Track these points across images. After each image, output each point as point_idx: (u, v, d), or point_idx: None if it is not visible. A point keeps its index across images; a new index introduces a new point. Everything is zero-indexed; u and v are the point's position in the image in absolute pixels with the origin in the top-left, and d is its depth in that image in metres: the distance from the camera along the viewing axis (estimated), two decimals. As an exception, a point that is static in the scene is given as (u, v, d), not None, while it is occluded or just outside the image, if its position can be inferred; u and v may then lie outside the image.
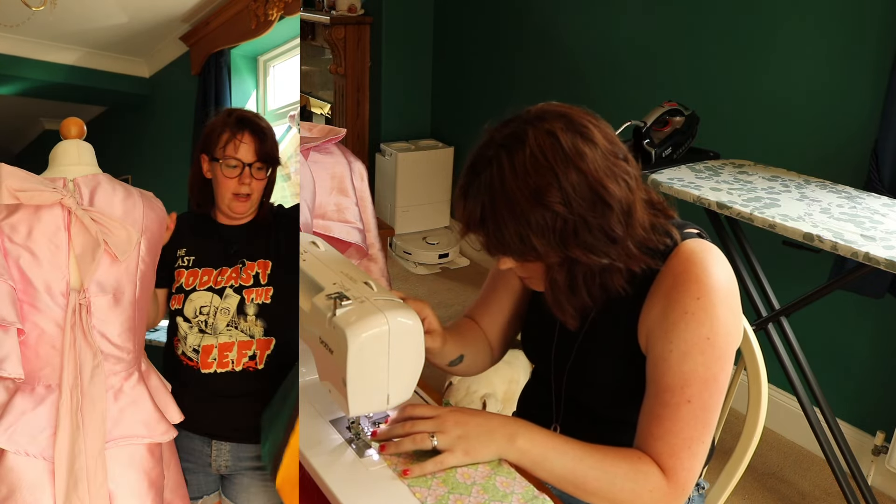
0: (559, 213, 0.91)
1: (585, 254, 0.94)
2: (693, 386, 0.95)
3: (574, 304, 1.02)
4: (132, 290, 1.12)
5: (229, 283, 1.25)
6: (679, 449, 0.95)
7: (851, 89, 2.10)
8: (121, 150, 3.21)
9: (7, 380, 1.05)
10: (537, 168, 0.90)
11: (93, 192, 1.12)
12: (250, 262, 1.25)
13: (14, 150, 3.55)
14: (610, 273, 0.99)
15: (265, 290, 1.23)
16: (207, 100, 2.48)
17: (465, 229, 0.98)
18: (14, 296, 1.04)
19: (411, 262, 3.66)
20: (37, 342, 1.06)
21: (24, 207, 1.07)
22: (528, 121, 0.94)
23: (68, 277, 1.07)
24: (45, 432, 1.05)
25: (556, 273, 0.99)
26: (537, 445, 0.97)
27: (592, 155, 0.92)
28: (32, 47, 2.54)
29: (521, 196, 0.91)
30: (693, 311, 0.95)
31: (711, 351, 0.95)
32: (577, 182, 0.91)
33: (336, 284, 0.99)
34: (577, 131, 0.93)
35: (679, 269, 0.98)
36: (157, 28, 2.55)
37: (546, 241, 0.92)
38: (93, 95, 2.99)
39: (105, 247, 1.08)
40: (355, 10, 3.70)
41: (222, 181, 1.26)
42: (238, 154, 1.25)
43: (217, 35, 2.49)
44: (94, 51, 2.67)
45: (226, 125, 1.27)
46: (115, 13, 2.38)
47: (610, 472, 0.95)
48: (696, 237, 1.02)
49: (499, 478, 0.96)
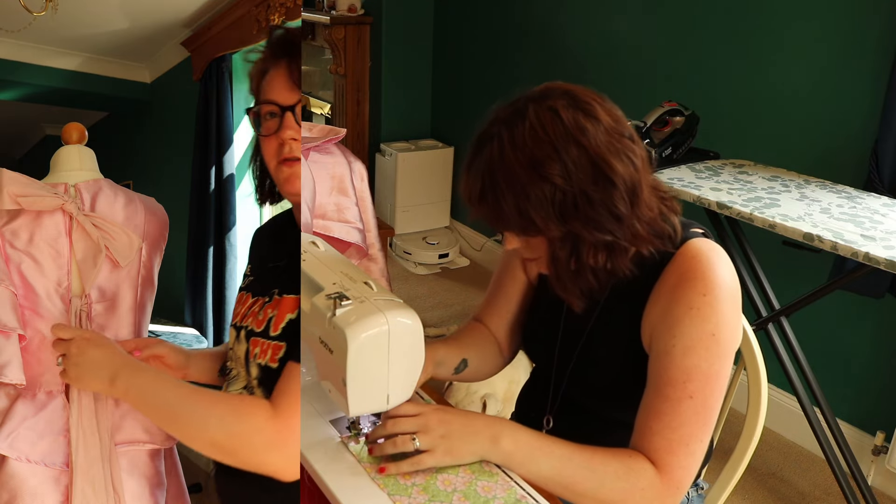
0: (558, 185, 0.90)
1: (587, 229, 0.93)
2: (695, 381, 0.94)
3: (578, 283, 1.00)
4: (133, 295, 1.12)
5: (247, 321, 0.98)
6: (677, 445, 0.93)
7: (851, 89, 2.10)
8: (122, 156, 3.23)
9: (8, 386, 1.06)
10: (536, 141, 0.90)
11: (94, 198, 1.12)
12: (283, 296, 0.95)
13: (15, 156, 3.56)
14: (616, 253, 0.97)
15: (272, 347, 0.93)
16: (209, 105, 2.48)
17: (468, 205, 0.98)
18: (15, 301, 1.05)
19: (411, 262, 3.66)
20: (38, 348, 1.06)
21: (26, 213, 1.07)
22: (532, 98, 0.94)
23: (70, 283, 1.07)
24: (47, 439, 1.05)
25: (559, 249, 0.97)
26: (522, 446, 0.94)
27: (594, 131, 0.92)
28: (34, 52, 2.55)
29: (519, 168, 0.91)
30: (699, 306, 0.94)
31: (716, 347, 0.94)
32: (578, 156, 0.90)
33: (336, 284, 0.99)
34: (579, 108, 0.93)
35: (685, 266, 0.97)
36: (158, 33, 2.56)
37: (545, 213, 0.92)
38: (94, 101, 3.00)
39: (106, 252, 1.08)
40: (355, 10, 3.70)
41: (261, 143, 0.98)
42: (273, 94, 0.94)
43: (218, 40, 2.49)
44: (95, 56, 2.67)
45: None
46: (116, 18, 2.39)
47: (599, 471, 0.93)
48: (701, 237, 1.02)
49: (480, 482, 0.93)
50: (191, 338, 2.55)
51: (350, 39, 3.72)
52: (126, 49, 2.64)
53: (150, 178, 3.17)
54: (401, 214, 3.78)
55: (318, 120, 4.29)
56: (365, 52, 3.78)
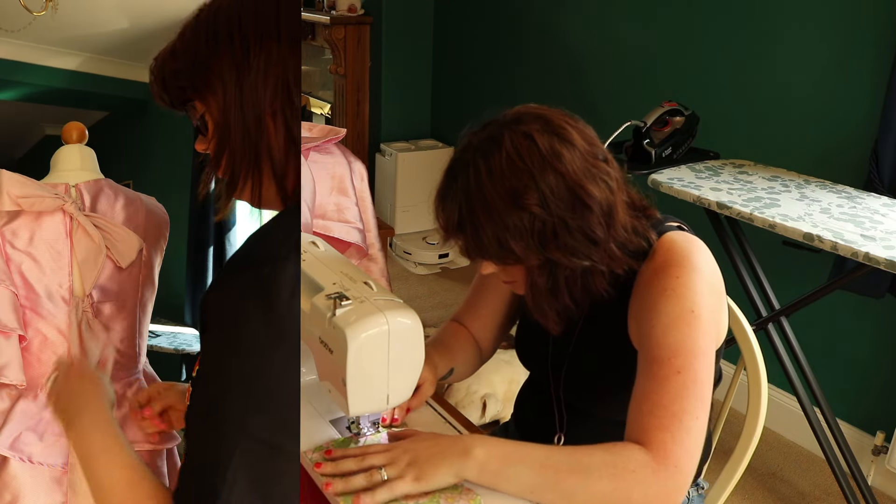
0: (537, 215, 0.90)
1: (566, 256, 0.93)
2: (681, 356, 0.90)
3: (555, 307, 1.00)
4: (135, 296, 1.12)
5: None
6: (669, 421, 0.87)
7: (851, 89, 2.10)
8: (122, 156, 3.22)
9: (9, 386, 1.06)
10: (514, 170, 0.90)
11: (95, 198, 1.12)
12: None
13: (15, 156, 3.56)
14: (592, 275, 0.97)
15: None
16: (208, 103, 2.48)
17: (444, 234, 0.97)
18: (16, 302, 1.05)
19: (411, 262, 3.66)
20: (39, 348, 1.06)
21: (26, 213, 1.07)
22: (505, 124, 0.94)
23: (70, 283, 1.07)
24: (48, 439, 1.05)
25: (537, 276, 0.97)
26: (495, 456, 0.88)
27: (570, 156, 0.91)
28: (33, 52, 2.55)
29: (497, 199, 0.90)
30: (673, 287, 0.94)
31: (697, 324, 0.92)
32: (555, 184, 0.90)
33: (336, 284, 0.99)
34: (554, 132, 0.92)
35: (660, 259, 0.97)
36: (158, 33, 2.56)
37: (525, 243, 0.92)
38: (94, 100, 3.00)
39: (107, 252, 1.08)
40: (355, 10, 3.70)
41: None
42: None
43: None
44: (95, 55, 2.67)
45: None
46: (116, 18, 2.39)
47: (584, 463, 0.86)
48: (676, 230, 1.02)
49: (443, 495, 0.89)
50: (191, 338, 2.55)
51: (350, 39, 3.72)
52: (126, 49, 2.64)
53: (150, 178, 3.17)
54: (401, 214, 3.79)
55: (318, 120, 4.29)
56: (365, 52, 3.78)
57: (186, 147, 2.69)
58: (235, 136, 0.72)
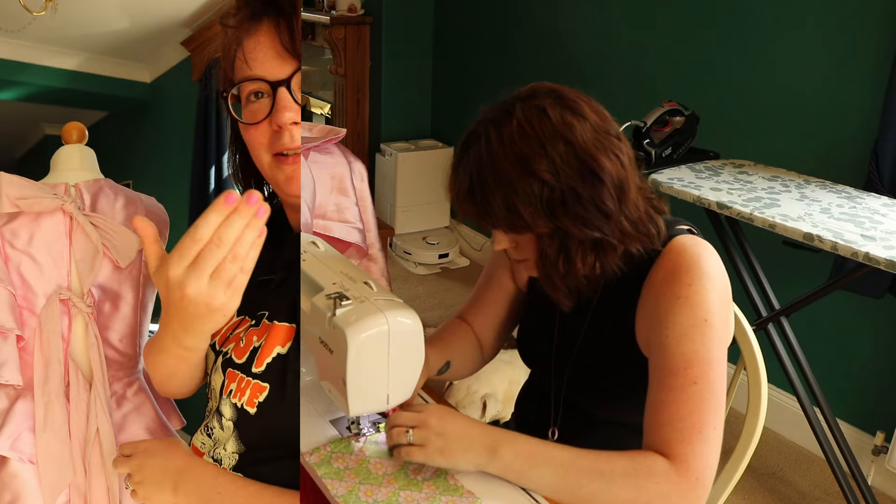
0: (546, 181, 0.90)
1: (576, 225, 0.93)
2: (696, 366, 0.91)
3: (567, 281, 0.99)
4: (134, 296, 1.12)
5: (227, 346, 0.83)
6: (689, 433, 0.88)
7: (851, 89, 2.10)
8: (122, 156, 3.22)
9: (8, 387, 1.06)
10: (524, 138, 0.91)
11: (94, 198, 1.12)
12: (273, 321, 0.80)
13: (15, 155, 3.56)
14: (604, 251, 0.97)
15: (251, 387, 0.76)
16: (208, 105, 2.49)
17: (457, 203, 0.98)
18: (13, 302, 1.05)
19: (411, 262, 3.66)
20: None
21: (25, 213, 1.07)
22: (519, 98, 0.95)
23: (69, 283, 1.07)
24: None
25: (548, 246, 0.97)
26: (521, 455, 0.89)
27: (581, 128, 0.92)
28: (33, 52, 2.55)
29: (507, 165, 0.91)
30: (686, 295, 0.94)
31: (710, 332, 0.93)
32: (565, 152, 0.91)
33: (336, 284, 0.99)
34: (566, 106, 0.93)
35: (671, 263, 0.97)
36: (158, 33, 2.56)
37: (534, 209, 0.92)
38: (94, 100, 3.00)
39: (106, 252, 1.08)
40: (355, 10, 3.70)
41: (246, 132, 0.75)
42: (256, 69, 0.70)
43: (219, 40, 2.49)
44: (95, 56, 2.67)
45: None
46: (116, 18, 2.39)
47: (606, 470, 0.87)
48: (686, 233, 1.02)
49: (443, 498, 0.90)
50: (191, 338, 2.55)
51: (350, 39, 3.72)
52: (126, 49, 2.64)
53: (150, 178, 3.18)
54: (401, 214, 3.79)
55: (318, 120, 4.29)
56: (365, 52, 3.78)
57: (186, 147, 2.69)
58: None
